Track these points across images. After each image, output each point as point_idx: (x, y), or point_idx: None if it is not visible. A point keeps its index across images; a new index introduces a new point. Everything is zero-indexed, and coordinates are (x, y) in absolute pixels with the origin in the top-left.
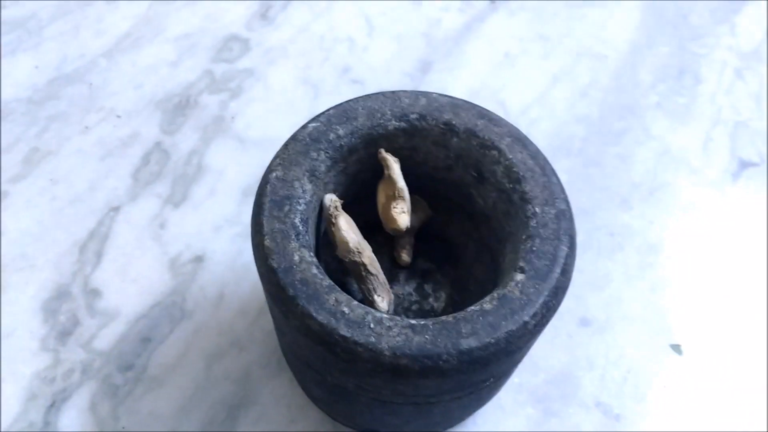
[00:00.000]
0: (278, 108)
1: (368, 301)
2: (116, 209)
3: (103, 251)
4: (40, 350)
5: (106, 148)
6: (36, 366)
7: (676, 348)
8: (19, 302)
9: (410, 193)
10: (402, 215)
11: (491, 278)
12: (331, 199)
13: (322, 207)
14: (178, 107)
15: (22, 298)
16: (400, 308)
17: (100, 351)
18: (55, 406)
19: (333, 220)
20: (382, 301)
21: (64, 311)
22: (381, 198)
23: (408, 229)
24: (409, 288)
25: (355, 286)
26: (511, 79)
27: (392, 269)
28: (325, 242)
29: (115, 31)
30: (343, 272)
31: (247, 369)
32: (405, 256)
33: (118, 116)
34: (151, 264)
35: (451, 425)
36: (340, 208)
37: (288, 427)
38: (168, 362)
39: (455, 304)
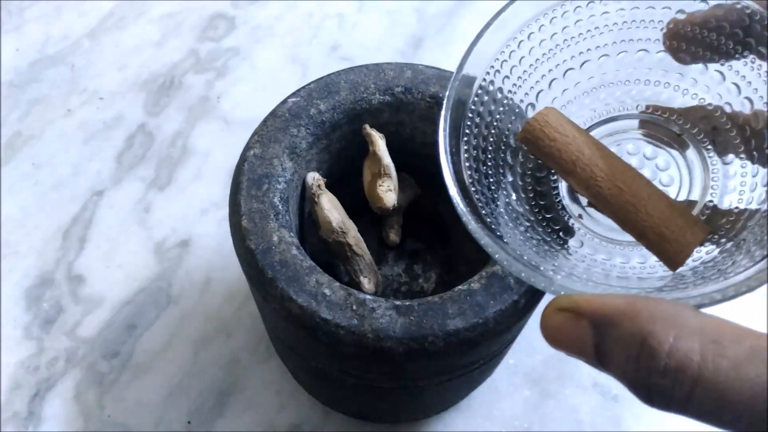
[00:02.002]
0: (265, 88)
1: (354, 283)
2: (100, 193)
3: (87, 237)
4: (23, 339)
5: (89, 131)
6: (19, 355)
7: None
8: (1, 290)
9: (397, 170)
10: (388, 193)
11: (482, 258)
12: (314, 177)
13: (305, 186)
14: (163, 88)
15: (5, 285)
16: (388, 290)
17: (85, 338)
18: (39, 395)
19: (315, 199)
20: (369, 282)
21: (48, 298)
22: (366, 176)
23: (395, 208)
24: (398, 269)
25: (342, 268)
26: None
27: (380, 250)
28: (311, 223)
29: (97, 12)
30: (331, 254)
31: (235, 355)
32: (393, 236)
33: (101, 98)
34: (135, 249)
35: (444, 408)
36: (323, 186)
37: (278, 413)
38: (154, 349)
39: (446, 285)
